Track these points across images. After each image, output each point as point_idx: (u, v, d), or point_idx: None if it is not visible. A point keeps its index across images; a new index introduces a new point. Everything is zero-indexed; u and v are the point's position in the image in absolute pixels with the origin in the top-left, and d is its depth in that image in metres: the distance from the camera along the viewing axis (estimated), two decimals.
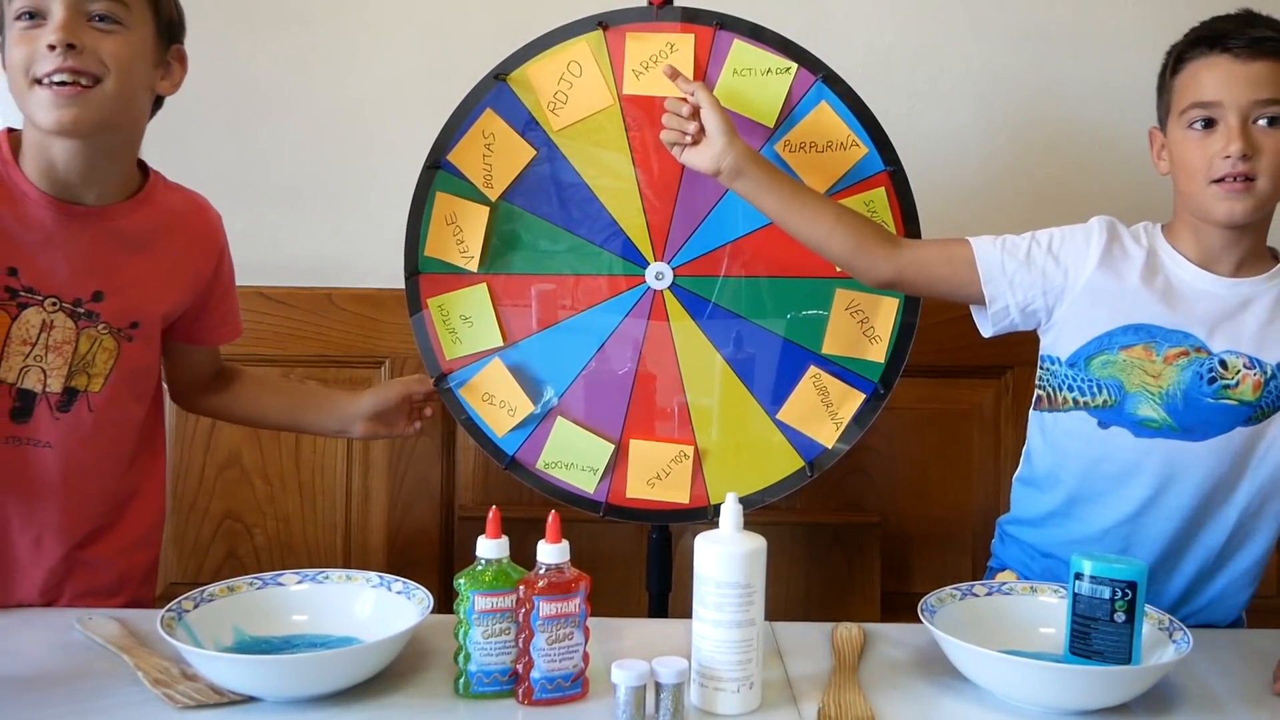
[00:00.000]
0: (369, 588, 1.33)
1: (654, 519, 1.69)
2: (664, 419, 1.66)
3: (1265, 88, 1.39)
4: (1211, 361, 1.44)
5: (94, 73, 1.33)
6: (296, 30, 2.09)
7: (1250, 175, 1.39)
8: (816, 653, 1.33)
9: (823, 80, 1.59)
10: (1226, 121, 1.40)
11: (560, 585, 1.18)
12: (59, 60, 1.31)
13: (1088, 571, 1.23)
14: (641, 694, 1.14)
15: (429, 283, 1.67)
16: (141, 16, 1.38)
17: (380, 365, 2.06)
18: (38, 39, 1.32)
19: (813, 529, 1.99)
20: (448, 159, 1.64)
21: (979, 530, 2.03)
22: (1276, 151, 1.39)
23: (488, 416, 1.68)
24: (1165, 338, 1.45)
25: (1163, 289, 1.46)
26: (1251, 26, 1.41)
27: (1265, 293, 1.45)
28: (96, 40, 1.34)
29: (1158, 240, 1.49)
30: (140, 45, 1.38)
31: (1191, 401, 1.44)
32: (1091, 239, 1.49)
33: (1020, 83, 2.08)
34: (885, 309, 1.62)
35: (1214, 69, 1.41)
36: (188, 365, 1.62)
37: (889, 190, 1.60)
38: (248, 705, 1.18)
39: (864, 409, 1.64)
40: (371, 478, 2.08)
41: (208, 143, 2.08)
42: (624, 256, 1.65)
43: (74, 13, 1.33)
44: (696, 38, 1.59)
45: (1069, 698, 1.19)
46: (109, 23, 1.35)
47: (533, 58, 1.62)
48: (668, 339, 1.66)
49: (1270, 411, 1.44)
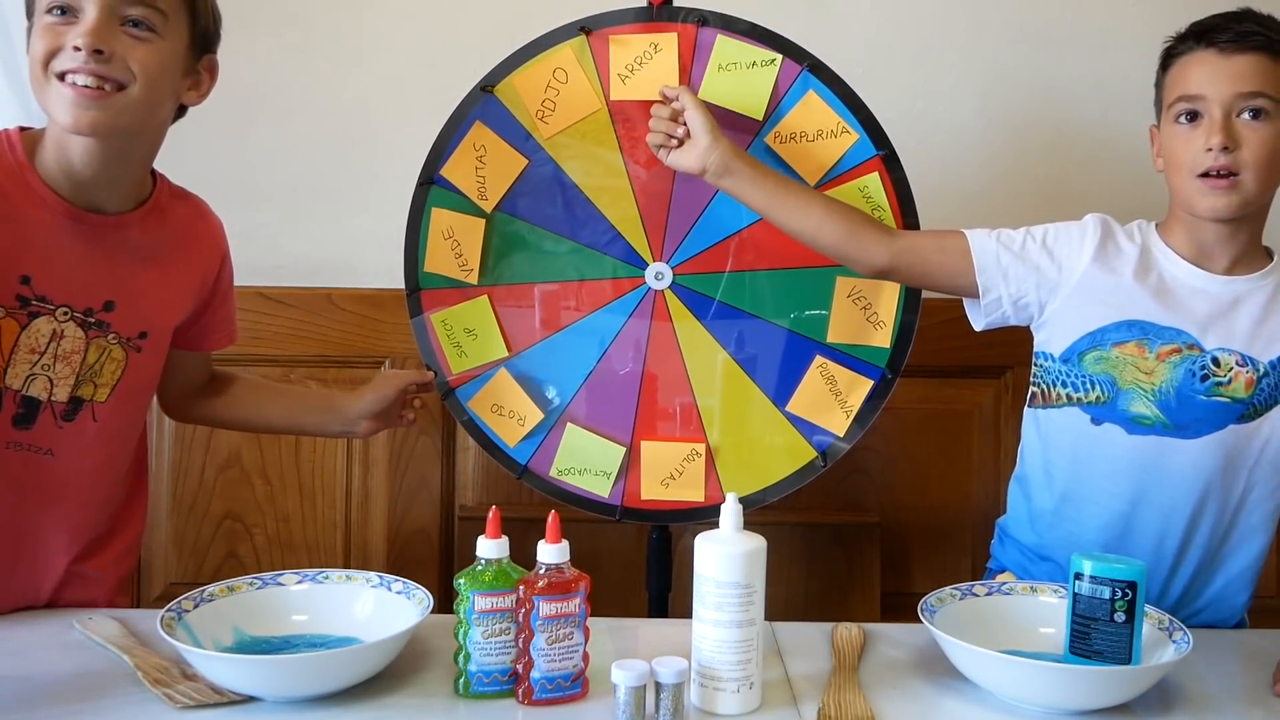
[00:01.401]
0: (369, 588, 1.33)
1: (670, 519, 1.69)
2: (673, 419, 1.66)
3: (1248, 80, 1.39)
4: (1204, 359, 1.44)
5: (119, 79, 1.30)
6: (296, 30, 2.09)
7: (1233, 170, 1.39)
8: (816, 653, 1.33)
9: (809, 69, 1.59)
10: (1210, 115, 1.40)
11: (560, 585, 1.18)
12: (83, 62, 1.27)
13: (1088, 571, 1.23)
14: (641, 694, 1.14)
15: (430, 298, 1.67)
16: (177, 26, 1.35)
17: (380, 365, 2.06)
18: (65, 36, 1.28)
19: (813, 529, 1.99)
20: (441, 174, 1.64)
21: (979, 530, 2.03)
22: (1259, 145, 1.39)
23: (498, 427, 1.68)
24: (1158, 334, 1.45)
25: (1156, 286, 1.46)
26: (1238, 21, 1.41)
27: (1258, 290, 1.45)
28: (127, 47, 1.30)
29: (1152, 237, 1.49)
30: (171, 55, 1.34)
31: (1184, 398, 1.45)
32: (1086, 235, 1.49)
33: (1020, 83, 2.08)
34: (888, 294, 1.62)
35: (1200, 63, 1.42)
36: (181, 371, 1.59)
37: (883, 174, 1.60)
38: (248, 705, 1.17)
39: (873, 395, 1.64)
40: (371, 478, 2.08)
41: (207, 143, 2.08)
42: (623, 259, 1.65)
43: (108, 15, 1.28)
44: (680, 36, 1.59)
45: (1069, 698, 1.19)
46: (143, 29, 1.31)
47: (518, 67, 1.62)
48: (671, 339, 1.66)
49: (1263, 409, 1.45)
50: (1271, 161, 1.40)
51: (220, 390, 1.65)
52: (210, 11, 1.42)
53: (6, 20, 2.07)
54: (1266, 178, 1.41)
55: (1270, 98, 1.38)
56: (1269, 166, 1.40)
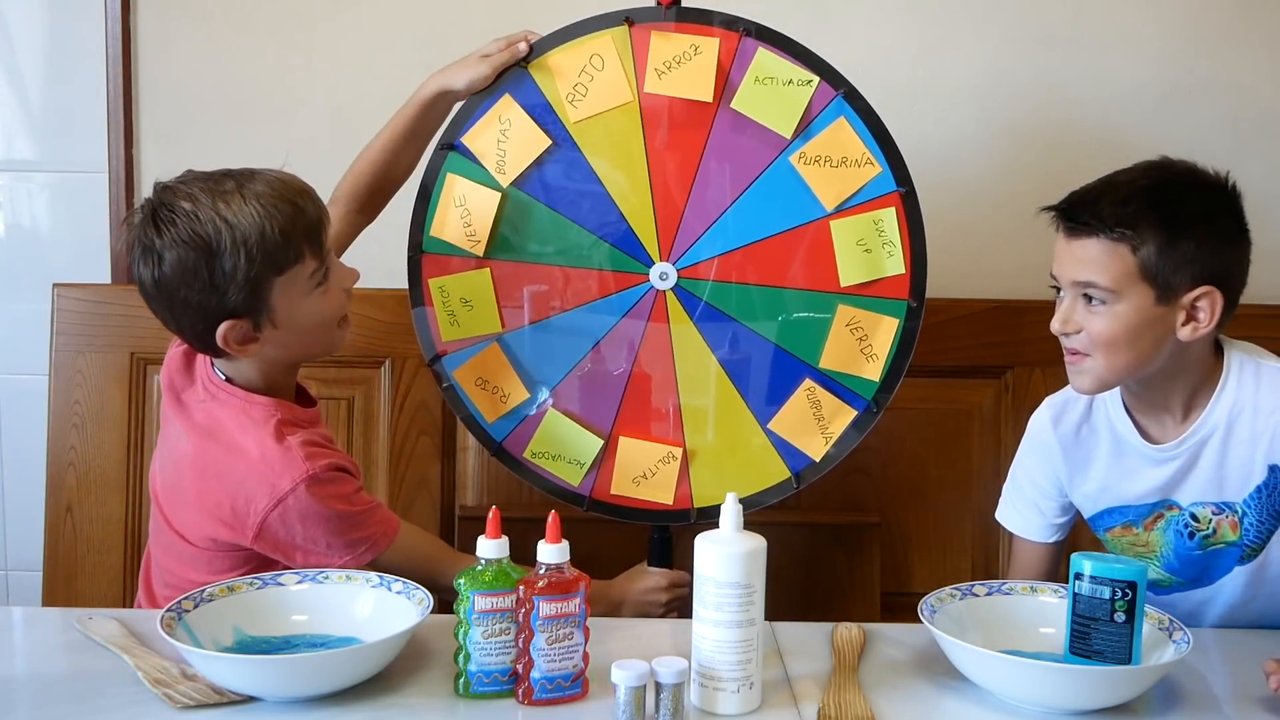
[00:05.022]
0: (369, 588, 1.33)
1: (636, 517, 1.68)
2: (655, 419, 1.66)
3: (1083, 269, 1.38)
4: (1184, 515, 1.45)
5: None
6: (296, 30, 2.09)
7: (1083, 351, 1.40)
8: (816, 653, 1.33)
9: (843, 96, 1.58)
10: (1065, 294, 1.41)
11: (560, 585, 1.18)
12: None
13: (1088, 571, 1.23)
14: (641, 694, 1.14)
15: (432, 263, 1.66)
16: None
17: (380, 365, 2.05)
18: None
19: (813, 529, 1.99)
20: (462, 140, 1.63)
21: (979, 531, 2.03)
22: (1097, 331, 1.38)
23: (479, 401, 1.67)
24: (1137, 512, 1.48)
25: (1123, 467, 1.48)
26: (1085, 206, 1.39)
27: (1210, 436, 1.43)
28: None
29: (1115, 409, 1.49)
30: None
31: (1184, 558, 1.46)
32: (1052, 458, 1.53)
33: (1020, 83, 2.08)
34: (885, 329, 1.62)
35: (1058, 242, 1.42)
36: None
37: (899, 211, 1.59)
38: (248, 705, 1.18)
39: (854, 426, 1.64)
40: (371, 478, 2.07)
41: (208, 143, 2.08)
42: (630, 254, 1.64)
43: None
44: (721, 42, 1.59)
45: (1069, 698, 1.19)
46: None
47: (556, 47, 1.61)
48: (666, 340, 1.65)
49: (1261, 544, 1.45)
50: (1115, 345, 1.37)
51: (359, 207, 1.69)
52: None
53: (6, 20, 2.07)
54: (1118, 359, 1.38)
55: (1103, 288, 1.36)
56: (1114, 350, 1.38)
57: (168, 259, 1.36)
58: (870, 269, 1.60)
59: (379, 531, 1.43)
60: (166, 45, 2.08)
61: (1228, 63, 2.06)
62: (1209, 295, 1.36)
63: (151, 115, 2.09)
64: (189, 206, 1.37)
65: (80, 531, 2.00)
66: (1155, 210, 1.36)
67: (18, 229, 2.14)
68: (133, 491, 2.00)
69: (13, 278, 2.12)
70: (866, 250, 1.60)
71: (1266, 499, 1.42)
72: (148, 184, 2.07)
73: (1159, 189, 1.39)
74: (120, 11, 2.04)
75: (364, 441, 2.05)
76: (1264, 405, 1.40)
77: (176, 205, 1.38)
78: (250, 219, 1.37)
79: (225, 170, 1.44)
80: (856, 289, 1.61)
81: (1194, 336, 1.38)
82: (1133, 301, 1.36)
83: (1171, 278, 1.36)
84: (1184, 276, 1.36)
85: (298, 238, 1.40)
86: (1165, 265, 1.35)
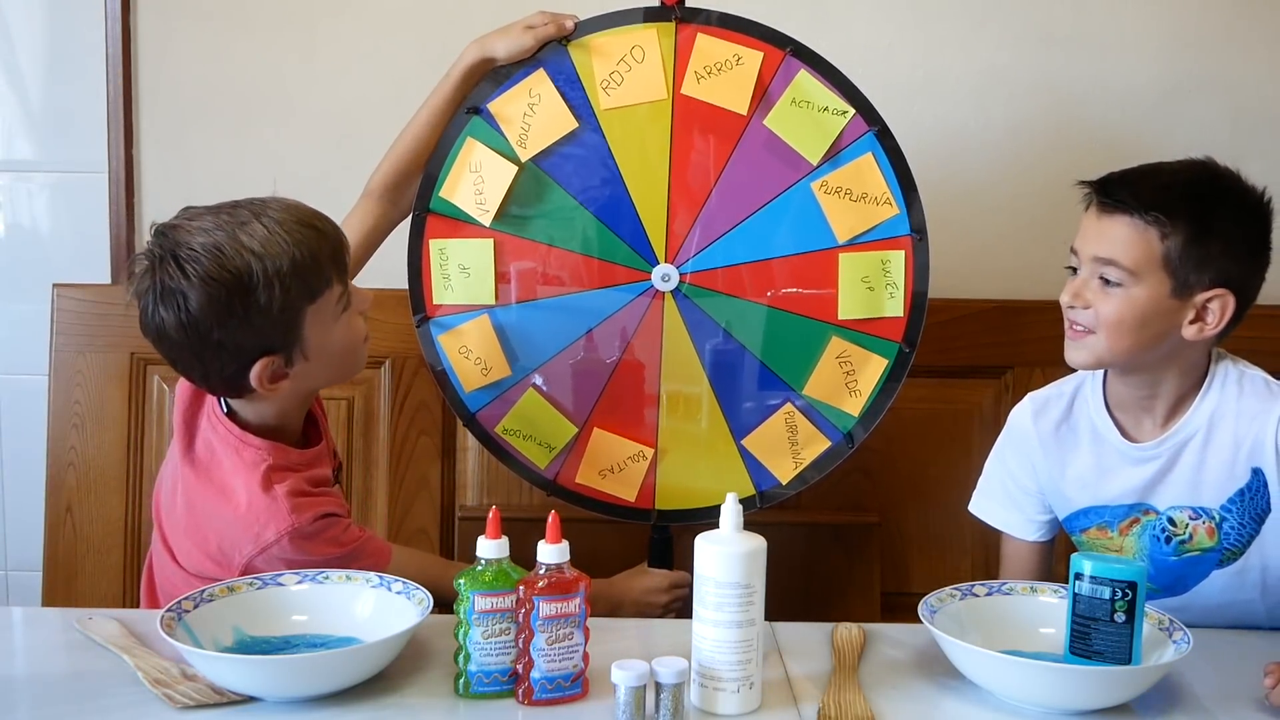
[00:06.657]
0: (369, 588, 1.33)
1: (596, 509, 1.68)
2: (633, 416, 1.66)
3: (1105, 246, 1.38)
4: (1161, 520, 1.45)
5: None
6: (296, 30, 2.09)
7: (1088, 326, 1.40)
8: (816, 653, 1.33)
9: (875, 133, 1.59)
10: (1080, 269, 1.41)
11: (560, 585, 1.18)
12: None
13: (1088, 571, 1.23)
14: (641, 694, 1.14)
15: (436, 223, 1.65)
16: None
17: (381, 365, 2.05)
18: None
19: (813, 529, 1.99)
20: (487, 107, 1.63)
21: (979, 531, 2.02)
22: (1107, 311, 1.38)
23: (459, 369, 1.67)
24: (1113, 514, 1.47)
25: (1101, 465, 1.47)
26: (1126, 184, 1.40)
27: (1190, 438, 1.43)
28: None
29: (1094, 404, 1.48)
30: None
31: (1159, 564, 1.45)
32: (1031, 453, 1.52)
33: (1021, 83, 2.08)
34: (873, 367, 1.62)
35: (1085, 217, 1.42)
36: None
37: (909, 255, 1.60)
38: (248, 705, 1.18)
39: (825, 457, 1.64)
40: (371, 478, 2.07)
41: (208, 143, 2.08)
42: (636, 250, 1.64)
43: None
44: (765, 56, 1.58)
45: (1069, 698, 1.19)
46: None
47: (600, 30, 1.60)
48: (656, 341, 1.65)
49: (1240, 549, 1.44)
50: (1121, 328, 1.38)
51: (393, 197, 1.66)
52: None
53: (6, 20, 2.07)
54: (1120, 342, 1.39)
55: (1124, 268, 1.37)
56: (1119, 332, 1.38)
57: (194, 299, 1.29)
58: (870, 307, 1.61)
59: (369, 564, 1.39)
60: (166, 45, 2.08)
61: (1228, 62, 2.06)
62: (1222, 299, 1.37)
63: (151, 115, 2.09)
64: (208, 241, 1.30)
65: (80, 531, 2.00)
66: (1193, 203, 1.37)
67: (18, 229, 2.14)
68: (133, 491, 2.00)
69: (13, 278, 2.12)
70: (870, 288, 1.60)
71: (1249, 502, 1.42)
72: (148, 184, 2.11)
73: (1200, 184, 1.40)
74: (120, 11, 2.04)
75: (364, 441, 2.05)
76: (1246, 411, 1.41)
77: (193, 242, 1.30)
78: (278, 247, 1.31)
79: (231, 202, 1.37)
80: (853, 323, 1.61)
81: (1197, 337, 1.38)
82: (1148, 288, 1.37)
83: (1192, 274, 1.36)
84: (1203, 275, 1.36)
85: (325, 261, 1.36)
86: (1189, 260, 1.36)
